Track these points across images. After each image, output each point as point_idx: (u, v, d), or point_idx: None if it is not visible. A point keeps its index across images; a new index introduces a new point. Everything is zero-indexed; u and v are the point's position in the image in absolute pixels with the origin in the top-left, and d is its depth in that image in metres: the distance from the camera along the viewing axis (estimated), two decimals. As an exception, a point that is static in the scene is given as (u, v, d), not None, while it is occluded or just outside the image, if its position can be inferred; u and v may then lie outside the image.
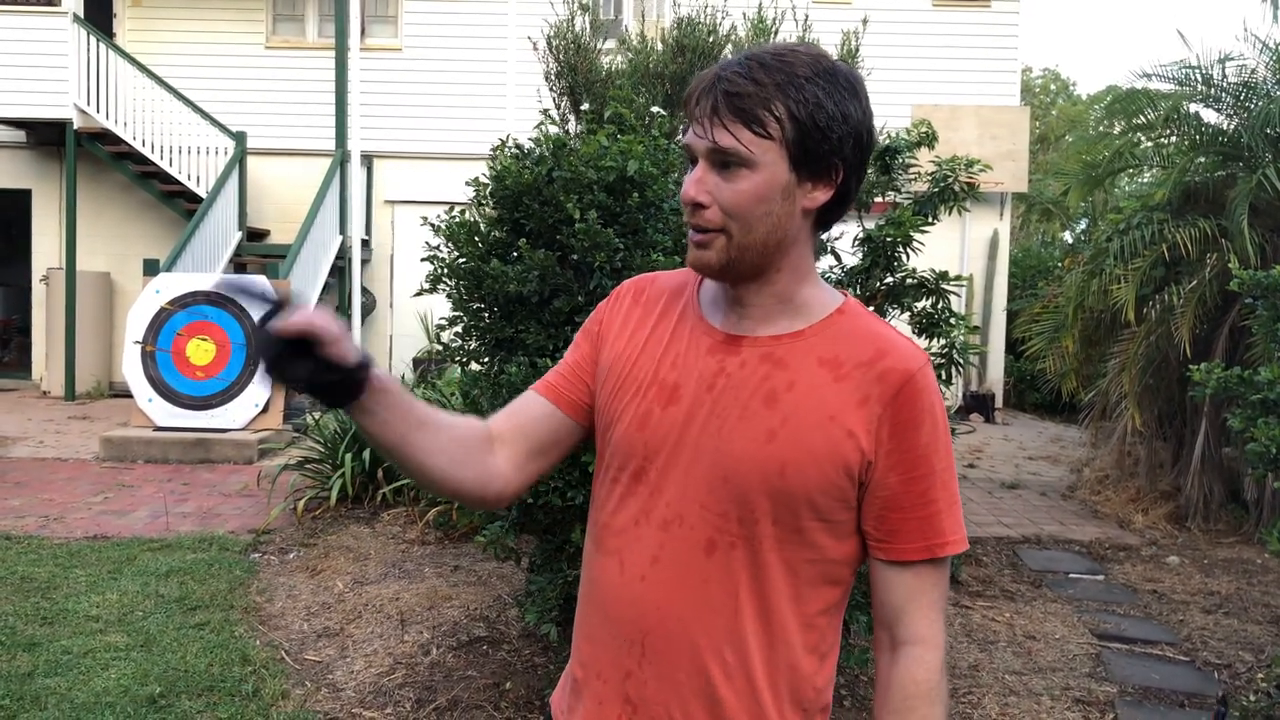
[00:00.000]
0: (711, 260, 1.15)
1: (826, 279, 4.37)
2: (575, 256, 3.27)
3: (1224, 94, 6.93)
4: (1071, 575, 5.32)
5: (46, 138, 11.44)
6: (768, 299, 1.18)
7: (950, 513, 1.16)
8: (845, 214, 1.20)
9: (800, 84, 1.10)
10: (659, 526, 1.18)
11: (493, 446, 1.28)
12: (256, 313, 1.12)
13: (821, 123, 1.10)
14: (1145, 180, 9.08)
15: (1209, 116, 7.17)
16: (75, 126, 10.71)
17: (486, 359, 3.61)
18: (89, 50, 10.63)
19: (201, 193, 10.71)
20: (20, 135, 11.61)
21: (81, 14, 10.81)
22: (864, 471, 1.13)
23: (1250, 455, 3.44)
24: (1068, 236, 18.24)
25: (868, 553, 1.19)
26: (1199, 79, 6.97)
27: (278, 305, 1.13)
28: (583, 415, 1.30)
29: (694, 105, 1.13)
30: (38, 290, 11.93)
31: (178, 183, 10.94)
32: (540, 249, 3.23)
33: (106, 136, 10.87)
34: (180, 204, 11.14)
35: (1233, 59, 6.88)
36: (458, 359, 3.69)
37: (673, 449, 1.18)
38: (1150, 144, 7.58)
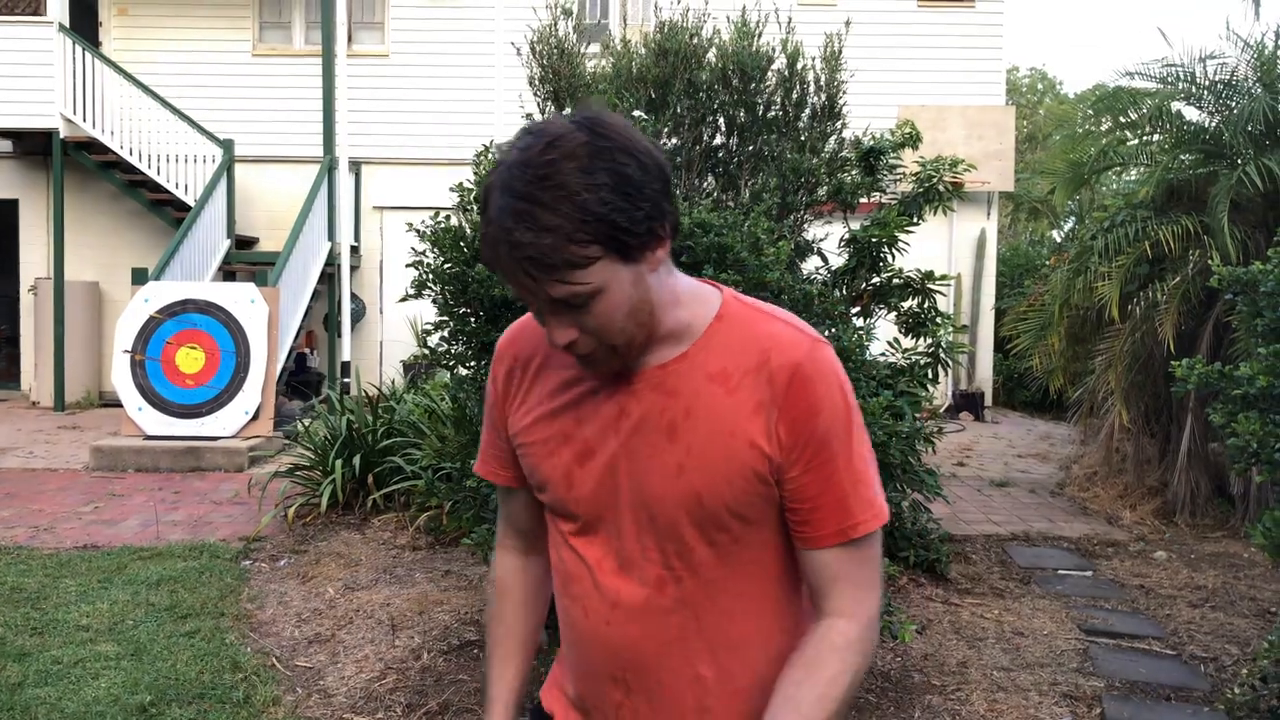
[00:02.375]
0: (613, 367, 1.16)
1: (811, 281, 4.42)
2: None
3: (1206, 92, 6.98)
4: (1060, 571, 5.35)
5: (33, 147, 11.41)
6: (656, 340, 1.17)
7: (857, 492, 1.16)
8: (680, 231, 1.23)
9: (584, 200, 1.02)
10: (611, 574, 1.21)
11: (535, 568, 1.43)
12: None
13: (626, 216, 1.04)
14: (1130, 178, 9.12)
15: (1192, 114, 7.22)
16: (62, 136, 10.69)
17: (473, 363, 3.62)
18: (75, 59, 10.62)
19: (190, 201, 10.70)
20: (7, 145, 11.59)
21: (67, 23, 10.80)
22: (775, 472, 1.15)
23: (1232, 450, 3.47)
24: (1055, 235, 18.32)
25: None
26: (1182, 77, 7.02)
27: None
28: None
29: (501, 272, 1.08)
30: (26, 300, 11.89)
31: (166, 191, 10.92)
32: (525, 253, 3.25)
33: (93, 145, 10.85)
34: (168, 212, 11.13)
35: (1215, 57, 6.94)
36: (445, 363, 3.70)
37: (603, 502, 1.20)
38: (1135, 142, 7.62)
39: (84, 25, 11.61)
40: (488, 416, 1.37)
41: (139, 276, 8.82)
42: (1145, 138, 7.45)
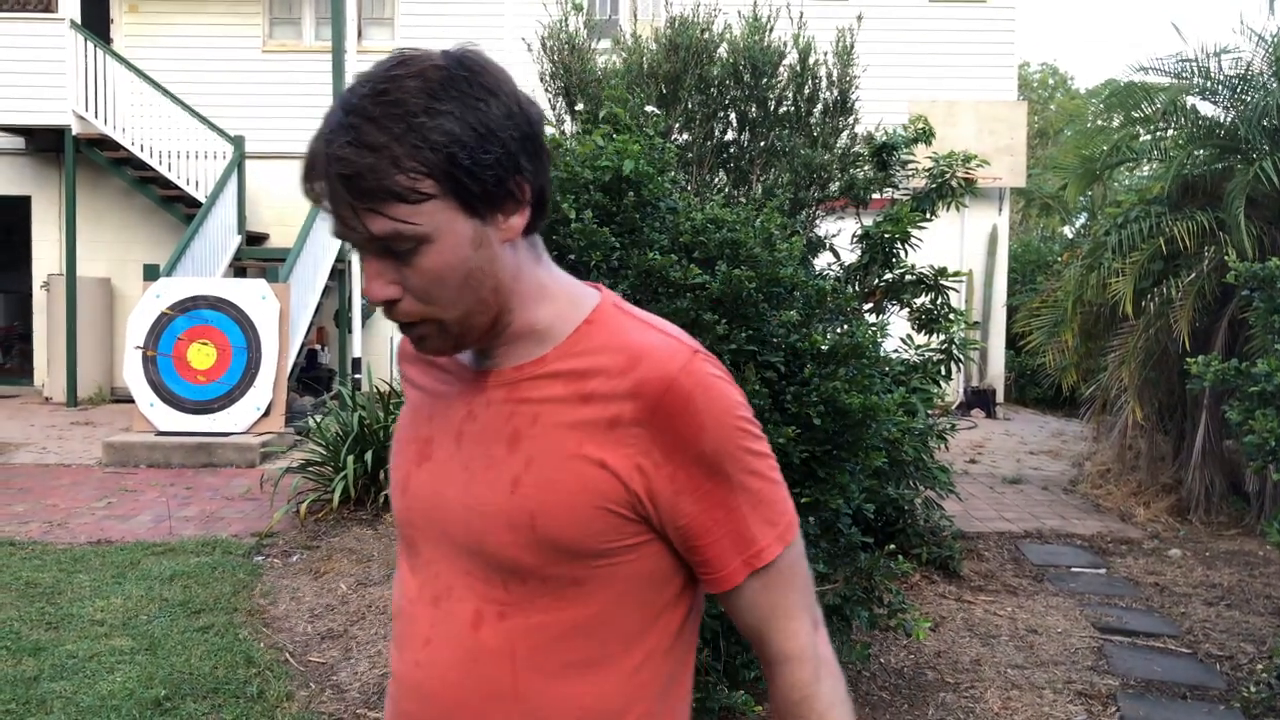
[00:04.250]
0: (439, 348, 1.00)
1: (824, 278, 4.40)
2: (572, 256, 3.28)
3: (1221, 87, 6.93)
4: (1073, 569, 5.33)
5: (45, 144, 11.45)
6: (510, 336, 1.02)
7: (757, 514, 0.99)
8: (549, 214, 1.05)
9: (422, 123, 0.89)
10: (430, 603, 1.04)
11: None
12: None
13: (470, 157, 0.91)
14: (1143, 174, 9.08)
15: (1206, 109, 7.18)
16: (74, 132, 10.72)
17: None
18: (87, 56, 10.65)
19: (200, 197, 10.73)
20: (19, 142, 11.63)
21: (79, 20, 10.82)
22: (638, 504, 0.96)
23: (1248, 447, 3.45)
24: (1067, 231, 18.24)
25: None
26: (1196, 72, 6.98)
27: None
28: None
29: (318, 195, 0.92)
30: (39, 297, 11.94)
31: (177, 187, 10.95)
32: (538, 249, 3.24)
33: (105, 142, 10.88)
34: (179, 209, 11.16)
35: (1229, 52, 6.89)
36: (457, 360, 3.70)
37: (431, 513, 1.04)
38: (1148, 137, 7.58)
39: (95, 22, 11.64)
40: None
41: (151, 273, 8.84)
42: (1159, 133, 7.41)
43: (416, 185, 0.90)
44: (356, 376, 10.64)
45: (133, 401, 8.40)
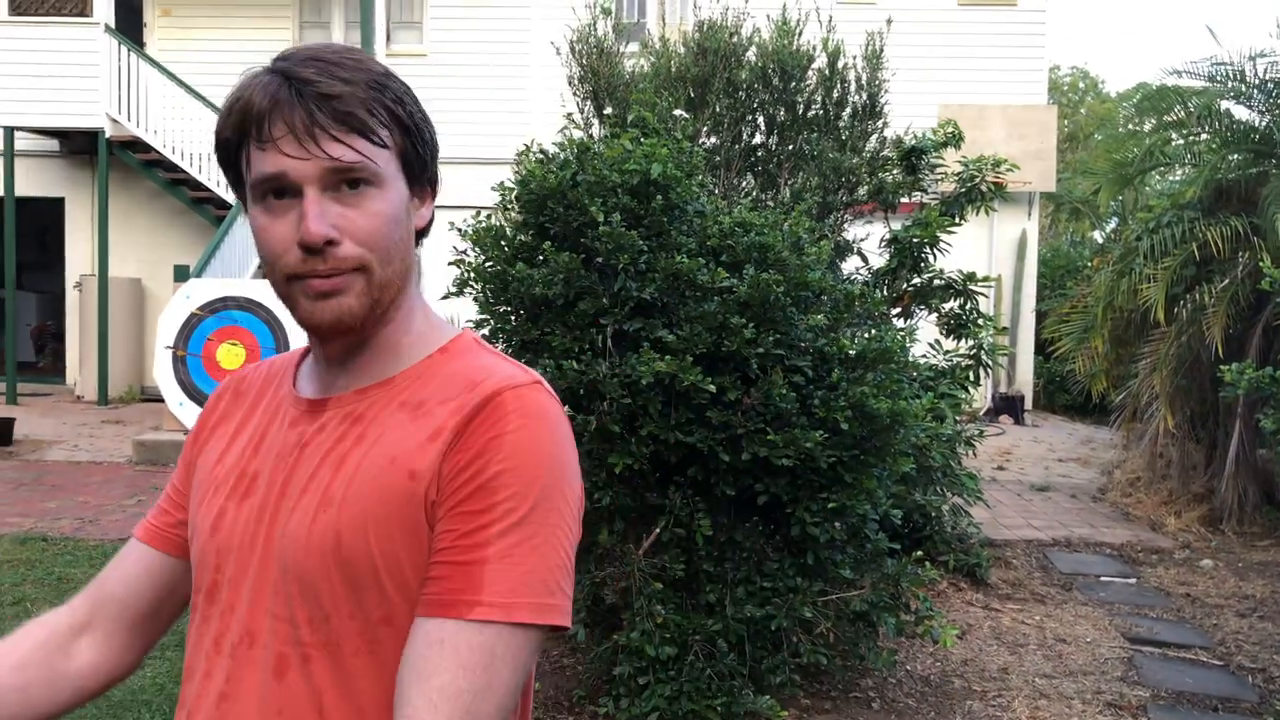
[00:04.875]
0: (354, 308, 0.92)
1: (852, 282, 4.38)
2: (600, 259, 3.28)
3: (1256, 91, 6.85)
4: (1103, 578, 5.27)
5: (79, 146, 11.60)
6: (375, 348, 0.97)
7: (500, 569, 0.84)
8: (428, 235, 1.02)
9: (385, 82, 0.92)
10: (228, 654, 0.93)
11: (71, 646, 1.05)
12: None
13: (420, 125, 0.95)
14: (1176, 179, 8.98)
15: (1241, 113, 7.09)
16: (107, 135, 10.85)
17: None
18: (120, 60, 10.78)
19: (230, 199, 10.82)
20: (53, 144, 11.79)
21: (113, 24, 10.96)
22: (428, 519, 0.88)
23: (1284, 456, 3.40)
24: (1097, 236, 18.07)
25: None
26: (1230, 76, 6.89)
27: None
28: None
29: (273, 122, 0.88)
30: (71, 296, 12.10)
31: (207, 189, 11.06)
32: (565, 252, 3.25)
33: (137, 144, 11.01)
34: (209, 210, 11.27)
35: (1265, 56, 6.80)
36: (484, 362, 3.71)
37: (243, 551, 0.94)
38: (1181, 141, 7.50)
39: (129, 26, 11.78)
40: (176, 469, 1.11)
41: (181, 273, 8.93)
42: (1192, 137, 7.33)
43: (378, 128, 0.90)
44: (383, 378, 10.71)
45: (162, 400, 8.49)
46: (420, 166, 0.96)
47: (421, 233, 1.00)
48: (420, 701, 0.81)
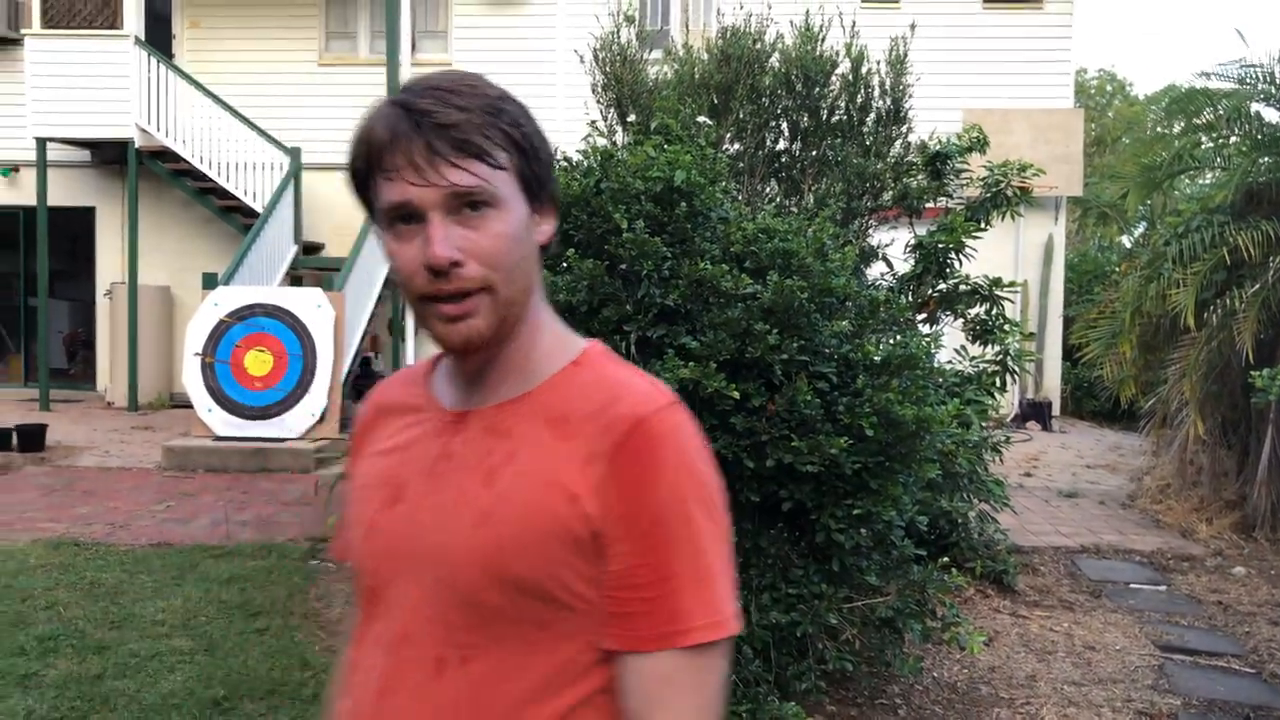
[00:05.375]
0: (482, 328, 0.96)
1: (877, 288, 4.37)
2: (623, 266, 3.29)
3: (1287, 93, 6.78)
4: (1132, 585, 5.22)
5: (109, 156, 11.76)
6: (508, 363, 1.01)
7: (697, 591, 0.92)
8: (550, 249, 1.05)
9: (500, 106, 0.97)
10: (386, 651, 0.99)
11: None
12: None
13: (536, 144, 0.99)
14: (1205, 182, 8.90)
15: (1271, 116, 7.02)
16: (136, 145, 10.99)
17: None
18: (150, 71, 10.92)
19: (258, 207, 10.93)
20: (84, 155, 11.96)
21: (143, 36, 11.11)
22: (595, 542, 0.93)
23: (1317, 462, 3.36)
24: (1125, 241, 17.91)
25: None
26: (1261, 78, 6.83)
27: None
28: None
29: (394, 153, 0.94)
30: (102, 304, 12.26)
31: (235, 198, 11.18)
32: (589, 259, 3.26)
33: (166, 154, 11.14)
34: (237, 219, 11.38)
35: (1295, 57, 6.73)
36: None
37: (397, 555, 1.00)
38: (1210, 145, 7.43)
39: (158, 37, 11.94)
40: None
41: (209, 281, 9.03)
42: (1221, 140, 7.26)
43: (495, 152, 0.94)
44: (408, 384, 10.76)
45: (191, 407, 8.58)
46: (538, 185, 0.99)
47: (545, 248, 1.03)
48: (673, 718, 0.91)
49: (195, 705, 3.50)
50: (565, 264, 3.37)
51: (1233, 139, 7.18)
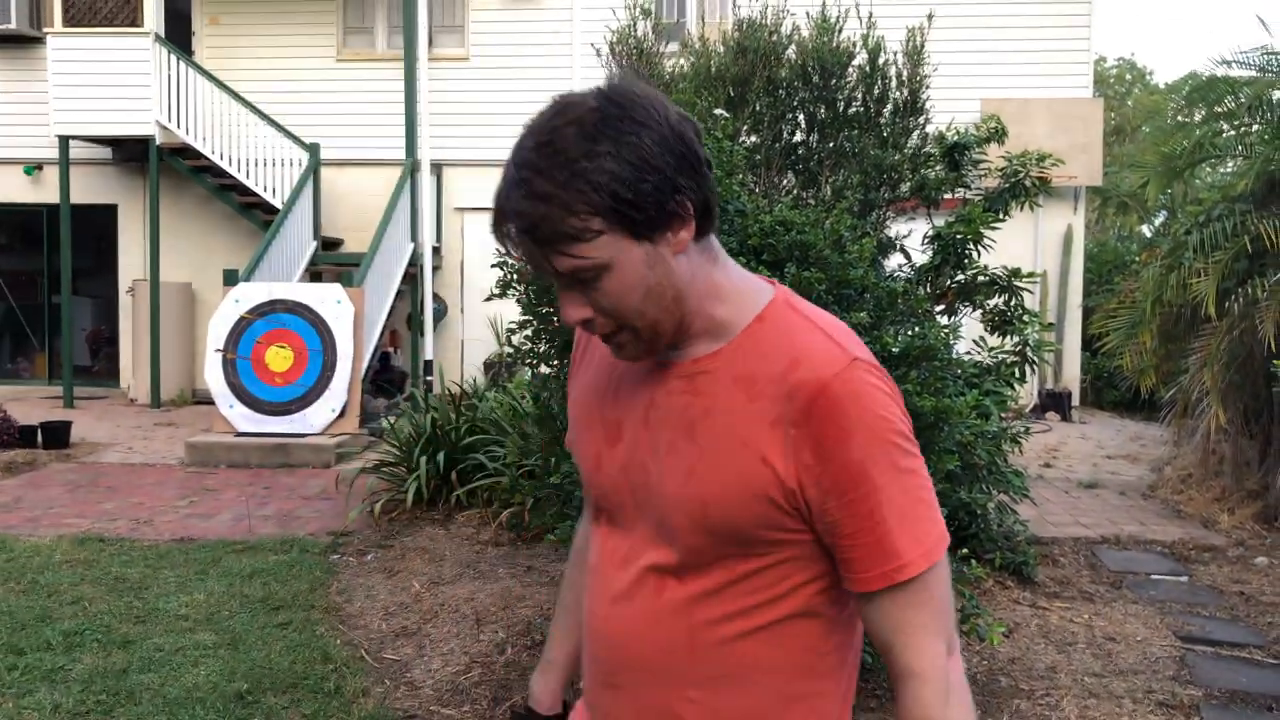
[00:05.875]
0: (634, 355, 1.11)
1: (895, 279, 4.36)
2: (642, 260, 3.30)
3: (1309, 80, 6.71)
4: (1153, 576, 5.19)
5: (131, 154, 11.86)
6: (692, 336, 1.12)
7: (904, 529, 1.04)
8: (717, 216, 1.12)
9: (582, 167, 0.99)
10: (619, 565, 1.17)
11: None
12: None
13: (630, 190, 1.00)
14: (1227, 171, 8.82)
15: (1293, 103, 6.94)
16: (157, 142, 11.08)
17: (556, 361, 3.66)
18: (170, 68, 11.00)
19: (278, 204, 11.00)
20: (106, 152, 12.06)
21: (163, 33, 11.19)
22: (794, 499, 1.05)
23: (1340, 452, 3.34)
24: (1145, 230, 17.76)
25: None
26: (1282, 64, 6.76)
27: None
28: None
29: (506, 245, 1.05)
30: (124, 301, 12.38)
31: (255, 194, 11.25)
32: (608, 253, 3.27)
33: (187, 151, 11.23)
34: (258, 215, 11.46)
35: (1318, 43, 6.66)
36: (528, 362, 3.75)
37: (623, 490, 1.16)
38: (1232, 133, 7.36)
39: (178, 35, 12.02)
40: (568, 388, 1.35)
41: (230, 278, 9.10)
42: (1243, 128, 7.20)
43: (588, 225, 1.00)
44: (428, 379, 10.83)
45: (213, 403, 8.66)
46: (645, 219, 1.02)
47: (703, 229, 1.08)
48: (916, 636, 1.05)
49: (219, 699, 3.54)
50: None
51: (1254, 127, 7.11)
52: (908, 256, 4.93)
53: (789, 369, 1.05)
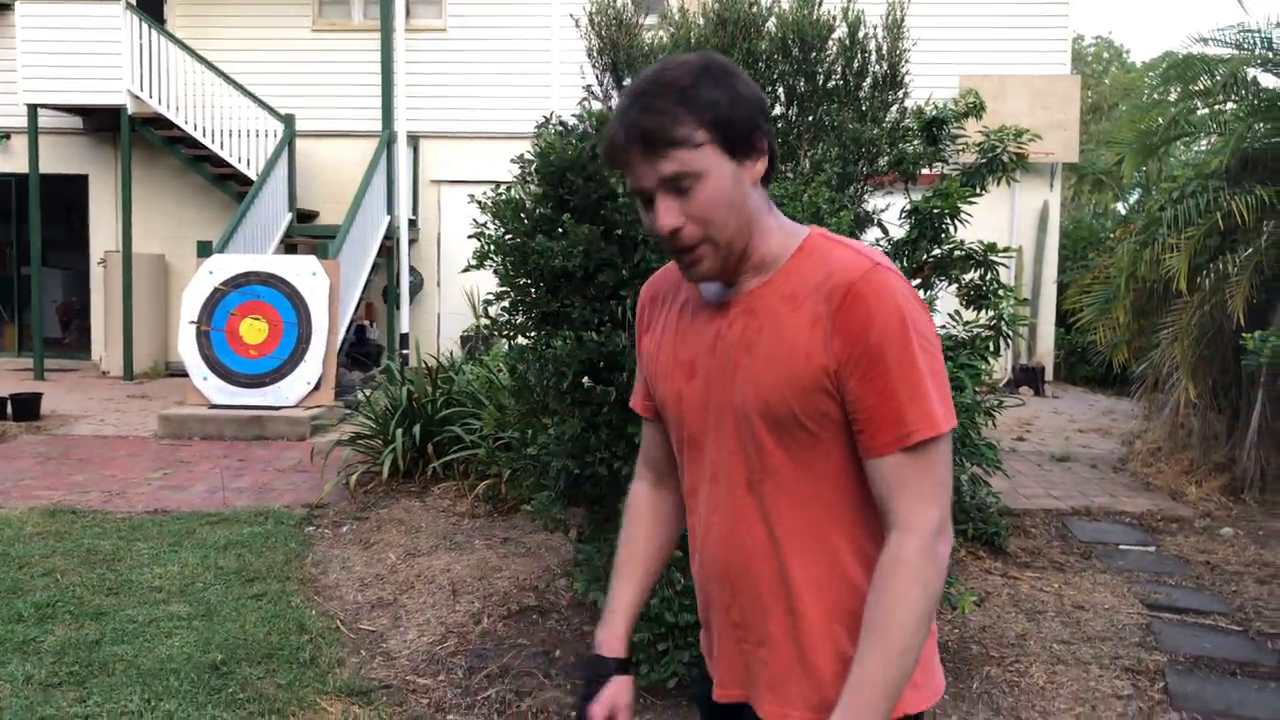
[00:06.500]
0: (708, 270, 1.30)
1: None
2: (619, 231, 3.30)
3: (1283, 57, 6.75)
4: (1122, 546, 5.27)
5: (102, 124, 11.69)
6: (749, 267, 1.34)
7: (915, 401, 1.23)
8: (776, 172, 1.38)
9: (691, 92, 1.23)
10: (710, 480, 1.38)
11: (663, 501, 1.60)
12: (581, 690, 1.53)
13: (727, 110, 1.24)
14: (1201, 148, 8.88)
15: (1268, 81, 7.00)
16: (129, 112, 10.92)
17: (533, 333, 3.66)
18: (141, 37, 10.83)
19: (252, 175, 10.89)
20: (77, 122, 11.88)
21: (134, 1, 11.00)
22: (833, 380, 1.26)
23: (1306, 424, 3.39)
24: (1120, 207, 17.88)
25: None
26: (1258, 43, 6.80)
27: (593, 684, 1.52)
28: None
29: (621, 158, 1.27)
30: (96, 273, 12.23)
31: (229, 166, 11.13)
32: (585, 224, 3.27)
33: (159, 121, 11.08)
34: (232, 186, 11.34)
35: (1292, 21, 6.70)
36: (505, 333, 3.74)
37: (704, 415, 1.38)
38: (1207, 111, 7.41)
39: (149, 3, 11.83)
40: (637, 354, 1.55)
41: (204, 249, 9.01)
42: (1217, 106, 7.25)
43: (692, 135, 1.23)
44: (404, 352, 10.79)
45: (187, 375, 8.60)
46: (739, 142, 1.26)
47: (765, 178, 1.31)
48: (914, 498, 1.24)
49: (193, 669, 3.53)
50: (561, 229, 3.37)
51: (1229, 105, 7.16)
52: (885, 230, 4.94)
53: (824, 280, 1.27)
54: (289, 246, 11.03)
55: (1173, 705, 3.39)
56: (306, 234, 11.30)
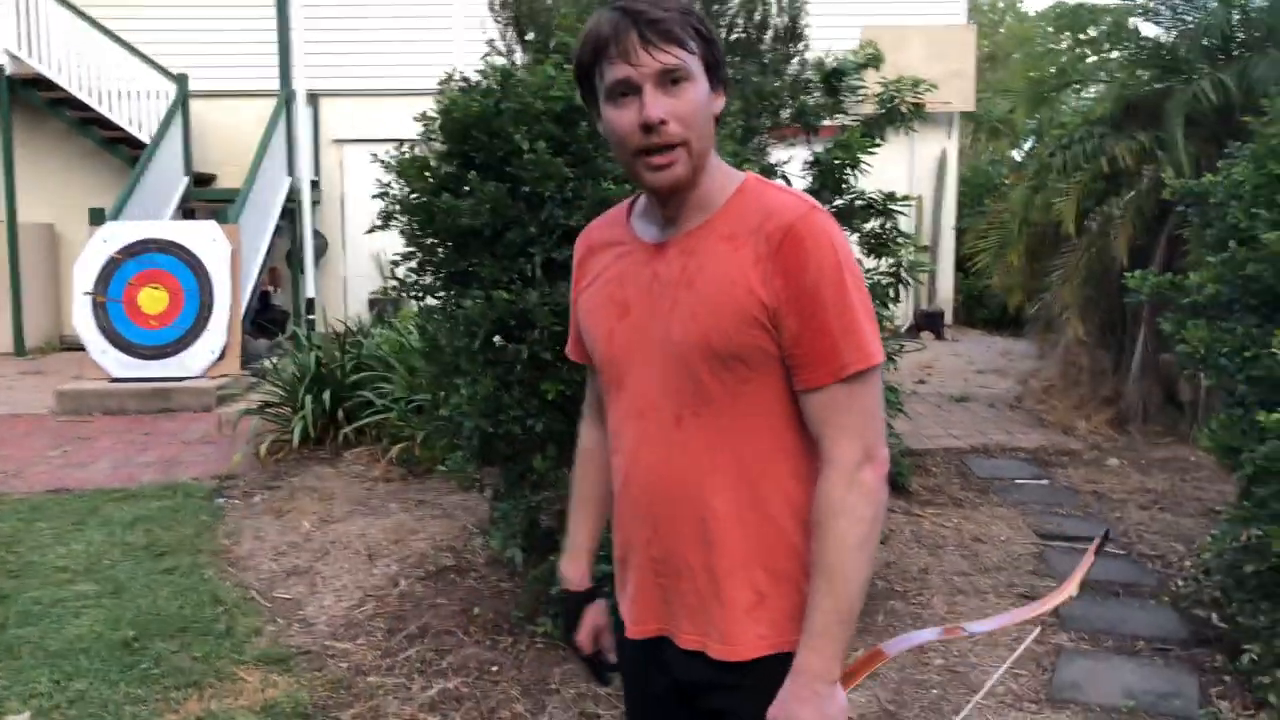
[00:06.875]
0: (681, 174, 1.34)
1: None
2: (526, 188, 3.30)
3: (1163, 8, 7.02)
4: (1017, 481, 5.53)
5: (-23, 86, 11.08)
6: (694, 201, 1.38)
7: (849, 335, 1.30)
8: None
9: (691, 9, 1.34)
10: (638, 416, 1.42)
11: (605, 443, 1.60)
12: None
13: (714, 38, 1.36)
14: (1089, 96, 9.19)
15: (1150, 30, 7.27)
16: (8, 73, 10.39)
17: (442, 293, 3.65)
18: (15, -7, 10.27)
19: (144, 138, 10.48)
20: (-52, 84, 11.23)
21: (4, -45, 10.41)
22: (772, 317, 1.31)
23: (1181, 357, 3.60)
24: (1016, 154, 18.37)
25: None
26: (1141, -8, 7.04)
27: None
28: None
29: (615, 44, 1.30)
30: (-21, 245, 11.65)
31: (119, 129, 10.69)
32: (491, 182, 3.26)
33: (42, 82, 10.56)
34: (123, 150, 10.90)
35: (1173, -28, 6.96)
36: (413, 295, 3.73)
37: (635, 352, 1.41)
38: (1094, 59, 7.66)
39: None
40: (572, 306, 1.57)
41: (96, 217, 8.68)
42: (1104, 55, 7.50)
43: (690, 40, 1.31)
44: (310, 317, 10.57)
45: (84, 349, 8.31)
46: (717, 67, 1.35)
47: (718, 120, 1.38)
48: (840, 432, 1.31)
49: (104, 647, 3.48)
50: (467, 187, 3.36)
51: (1114, 54, 7.42)
52: (788, 182, 5.02)
53: (764, 220, 1.33)
54: (187, 212, 10.67)
55: (1063, 627, 3.60)
56: (205, 198, 10.95)
